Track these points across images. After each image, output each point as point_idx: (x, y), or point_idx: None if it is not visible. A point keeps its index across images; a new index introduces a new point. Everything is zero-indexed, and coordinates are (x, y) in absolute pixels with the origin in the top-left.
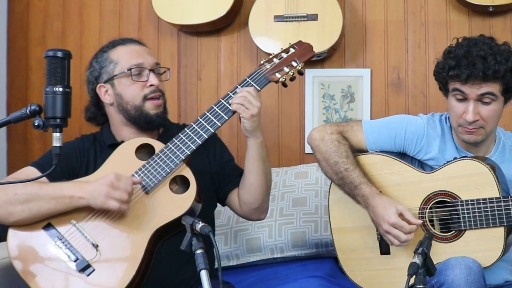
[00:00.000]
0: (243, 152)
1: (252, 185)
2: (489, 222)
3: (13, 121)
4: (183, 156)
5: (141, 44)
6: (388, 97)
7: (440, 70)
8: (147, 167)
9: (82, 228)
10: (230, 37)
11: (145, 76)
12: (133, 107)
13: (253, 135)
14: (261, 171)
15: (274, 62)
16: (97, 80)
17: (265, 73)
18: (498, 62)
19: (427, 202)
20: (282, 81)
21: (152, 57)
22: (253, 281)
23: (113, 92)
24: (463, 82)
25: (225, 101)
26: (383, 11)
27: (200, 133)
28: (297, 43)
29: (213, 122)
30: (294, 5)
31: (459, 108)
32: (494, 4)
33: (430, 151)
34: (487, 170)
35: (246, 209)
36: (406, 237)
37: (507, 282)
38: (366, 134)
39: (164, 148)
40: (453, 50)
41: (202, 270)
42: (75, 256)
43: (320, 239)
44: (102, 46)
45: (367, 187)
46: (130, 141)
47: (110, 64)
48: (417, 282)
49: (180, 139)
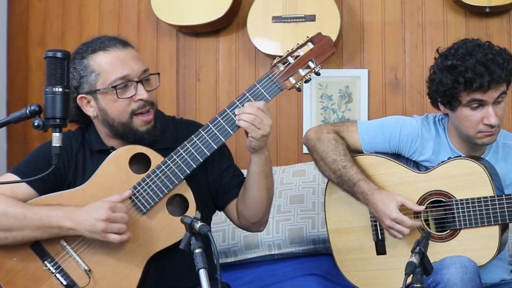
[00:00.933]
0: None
1: (252, 200)
2: (483, 221)
3: (13, 121)
4: (182, 176)
5: (125, 46)
6: (385, 97)
7: (453, 86)
8: (142, 186)
9: (73, 251)
10: (228, 38)
11: (132, 90)
12: (119, 123)
13: (260, 152)
14: (263, 187)
15: (289, 63)
16: (77, 90)
17: (277, 78)
18: (507, 60)
19: (423, 201)
20: (297, 87)
21: (139, 64)
22: (251, 279)
23: (96, 105)
24: (485, 90)
25: (231, 111)
26: (380, 12)
27: (202, 150)
28: (315, 36)
29: (217, 137)
30: (292, 6)
31: (475, 116)
32: (491, 5)
33: (424, 152)
34: (481, 169)
35: (245, 223)
36: (408, 231)
37: (502, 281)
38: (361, 135)
39: (162, 164)
40: (459, 64)
41: (201, 269)
42: (66, 282)
43: (318, 236)
44: (80, 48)
45: (365, 183)
46: (124, 149)
47: (91, 74)
48: (414, 281)
49: (180, 155)
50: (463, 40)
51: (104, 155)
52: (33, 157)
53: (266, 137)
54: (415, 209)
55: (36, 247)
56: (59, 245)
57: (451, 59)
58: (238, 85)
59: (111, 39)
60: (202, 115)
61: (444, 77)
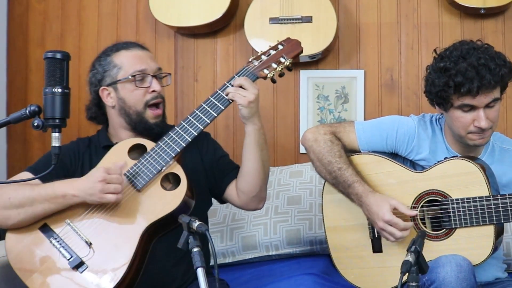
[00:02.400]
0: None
1: (249, 173)
2: (479, 220)
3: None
4: (173, 154)
5: (144, 49)
6: (381, 98)
7: (443, 88)
8: (138, 166)
9: (76, 227)
10: (226, 39)
11: (148, 82)
12: (135, 112)
13: (251, 121)
14: (258, 158)
15: (262, 59)
16: (100, 83)
17: (252, 69)
18: (500, 66)
19: (419, 201)
20: (271, 77)
21: (154, 63)
22: (248, 279)
23: (116, 96)
24: (474, 95)
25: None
26: (376, 14)
27: (189, 130)
28: (285, 40)
29: (209, 113)
30: (289, 7)
31: (466, 118)
32: (486, 6)
33: (421, 151)
34: (477, 169)
35: (244, 198)
36: (401, 234)
37: (497, 279)
38: (359, 134)
39: (155, 146)
40: (451, 66)
41: (199, 268)
42: (69, 254)
43: (315, 237)
44: (105, 49)
45: (360, 185)
46: (123, 141)
47: (113, 68)
48: (409, 280)
49: (170, 137)
50: (461, 41)
51: (108, 150)
52: (45, 156)
53: (253, 104)
54: (408, 214)
55: (44, 228)
56: (63, 223)
57: (445, 60)
58: None
59: (132, 43)
60: None
61: (436, 79)
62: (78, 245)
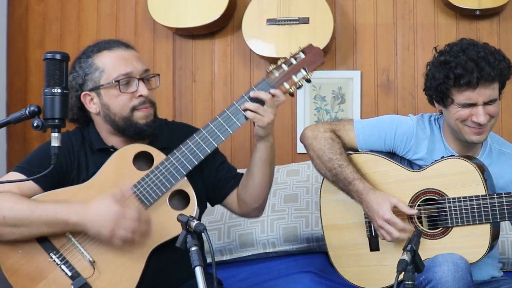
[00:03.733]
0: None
1: (255, 186)
2: (475, 219)
3: (13, 122)
4: (184, 172)
5: (128, 48)
6: (377, 98)
7: (444, 81)
8: (146, 181)
9: (78, 243)
10: (224, 40)
11: (134, 86)
12: (121, 118)
13: (266, 140)
14: (267, 173)
15: (283, 70)
16: (81, 88)
17: (273, 83)
18: (499, 60)
19: (416, 199)
20: (290, 92)
21: (141, 63)
22: (246, 276)
23: (99, 101)
24: (474, 88)
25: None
26: (372, 15)
27: (202, 147)
28: (307, 48)
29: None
30: (286, 9)
31: (465, 111)
32: (481, 7)
33: (418, 151)
34: (474, 168)
35: (246, 208)
36: (399, 234)
37: (493, 278)
38: (357, 133)
39: (165, 161)
40: (451, 59)
41: (197, 266)
42: (71, 273)
43: (311, 234)
44: (86, 49)
45: (360, 182)
46: (128, 147)
47: (95, 72)
48: (406, 279)
49: (182, 152)
50: (461, 39)
51: (105, 153)
52: (35, 155)
53: (271, 125)
54: (408, 212)
55: (42, 240)
56: (64, 238)
57: (445, 55)
58: (233, 86)
59: (115, 41)
60: (198, 115)
61: (436, 72)
62: (80, 263)
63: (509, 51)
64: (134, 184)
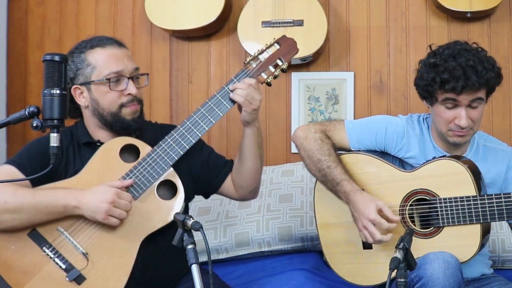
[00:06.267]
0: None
1: (248, 170)
2: (466, 220)
3: (13, 122)
4: (171, 162)
5: (121, 46)
6: (370, 99)
7: (430, 83)
8: (134, 173)
9: (70, 235)
10: (219, 42)
11: (124, 84)
12: (109, 113)
13: (252, 125)
14: (257, 156)
15: (260, 61)
16: (72, 81)
17: (251, 73)
18: (487, 69)
19: (407, 199)
20: (268, 82)
21: (131, 62)
22: (241, 273)
23: (89, 96)
24: (458, 93)
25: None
26: (365, 17)
27: (186, 137)
28: (281, 38)
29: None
30: (281, 11)
31: (448, 114)
32: (472, 10)
33: (410, 149)
34: (464, 169)
35: (242, 192)
36: (381, 237)
37: (483, 275)
38: (349, 133)
39: (151, 152)
40: (440, 63)
41: (193, 264)
42: (65, 265)
43: (306, 233)
44: (79, 44)
45: (348, 183)
46: (114, 140)
47: (87, 67)
48: (398, 276)
49: (167, 143)
50: (456, 41)
51: (91, 147)
52: (27, 150)
53: (256, 111)
54: (391, 218)
55: (33, 234)
56: (55, 231)
57: (436, 57)
58: None
59: (108, 38)
60: None
61: (425, 73)
62: (73, 255)
63: (499, 53)
64: (123, 176)
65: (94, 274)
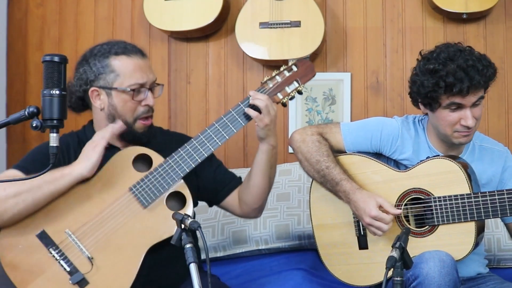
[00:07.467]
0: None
1: (256, 187)
2: (460, 217)
3: (12, 122)
4: (182, 174)
5: (144, 56)
6: (367, 99)
7: (434, 89)
8: (145, 182)
9: (77, 239)
10: (217, 43)
11: (143, 95)
12: (124, 121)
13: (266, 141)
14: (266, 175)
15: (277, 81)
16: (91, 83)
17: (267, 92)
18: (487, 66)
19: (403, 199)
20: (283, 102)
21: (152, 74)
22: (239, 273)
23: (107, 100)
24: (464, 95)
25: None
26: (362, 18)
27: (199, 151)
28: (299, 61)
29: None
30: (278, 12)
31: (453, 116)
32: (468, 11)
33: (404, 151)
34: (458, 168)
35: (246, 209)
36: (388, 227)
37: (479, 274)
38: (344, 135)
39: (164, 163)
40: (440, 68)
41: (192, 263)
42: (69, 268)
43: (303, 232)
44: (102, 47)
45: (347, 183)
46: (128, 149)
47: (110, 73)
48: (394, 275)
49: (180, 155)
50: (445, 44)
51: None
52: (31, 154)
53: (269, 126)
54: (392, 212)
55: (41, 235)
56: (63, 233)
57: (433, 62)
58: (227, 88)
59: (133, 46)
60: (192, 116)
61: (425, 80)
62: (79, 259)
63: (495, 54)
64: (134, 184)
65: (98, 279)
